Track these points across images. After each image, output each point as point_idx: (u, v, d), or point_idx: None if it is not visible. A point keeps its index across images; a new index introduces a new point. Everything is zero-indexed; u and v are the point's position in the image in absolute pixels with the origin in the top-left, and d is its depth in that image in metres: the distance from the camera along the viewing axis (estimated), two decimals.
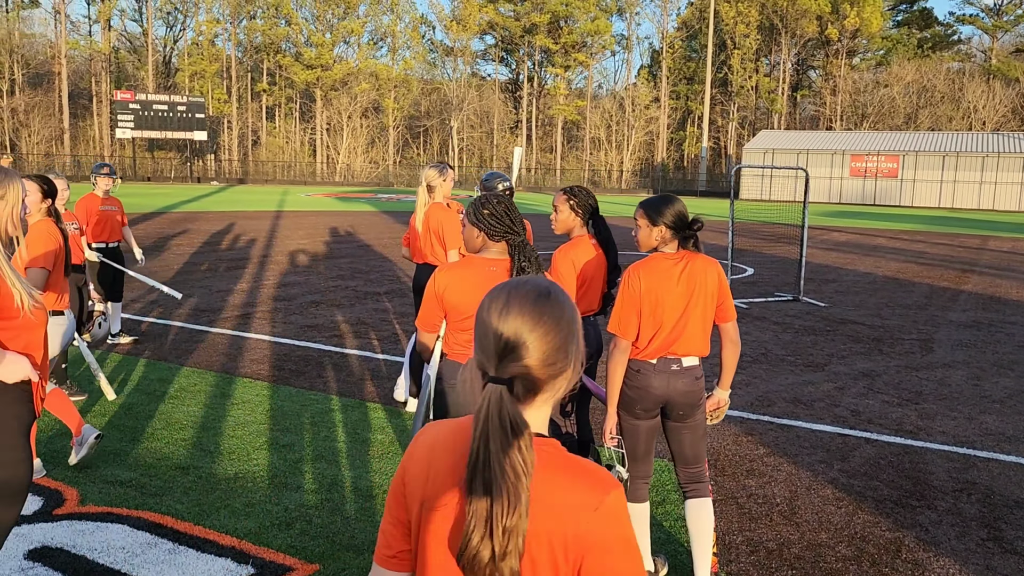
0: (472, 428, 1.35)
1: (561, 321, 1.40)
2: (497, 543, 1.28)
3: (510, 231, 3.17)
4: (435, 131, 72.88)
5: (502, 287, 1.45)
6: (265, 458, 5.01)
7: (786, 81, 67.00)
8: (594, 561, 1.32)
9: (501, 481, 1.29)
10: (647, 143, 69.57)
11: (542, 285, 1.43)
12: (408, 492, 1.45)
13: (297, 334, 8.61)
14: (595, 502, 1.33)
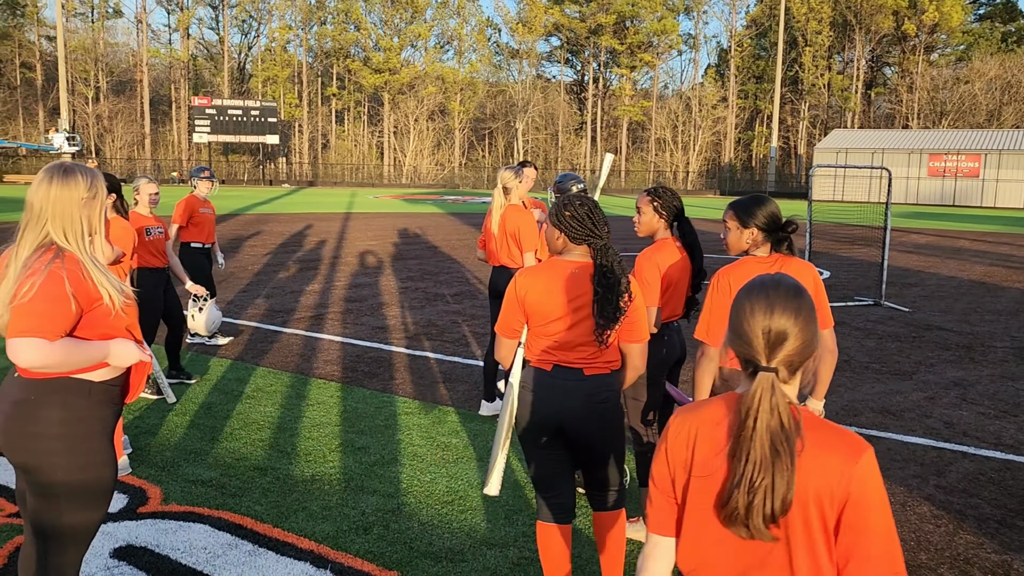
0: (738, 406, 1.65)
1: (812, 311, 1.67)
2: (760, 500, 1.55)
3: (592, 234, 3.05)
4: (500, 133, 73.12)
5: (756, 290, 1.70)
6: (341, 460, 5.01)
7: (860, 79, 65.12)
8: (852, 514, 1.56)
9: (768, 449, 1.56)
10: (714, 143, 68.49)
11: (790, 282, 1.71)
12: (673, 465, 1.73)
13: (369, 335, 8.65)
14: (853, 460, 1.57)
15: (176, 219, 7.77)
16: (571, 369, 3.04)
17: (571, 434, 3.06)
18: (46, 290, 2.42)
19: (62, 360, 2.44)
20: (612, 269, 3.00)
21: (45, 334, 2.40)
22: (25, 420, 2.50)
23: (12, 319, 2.40)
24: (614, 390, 3.09)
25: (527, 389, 3.10)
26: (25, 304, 2.40)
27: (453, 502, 4.45)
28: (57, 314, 2.43)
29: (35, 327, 2.39)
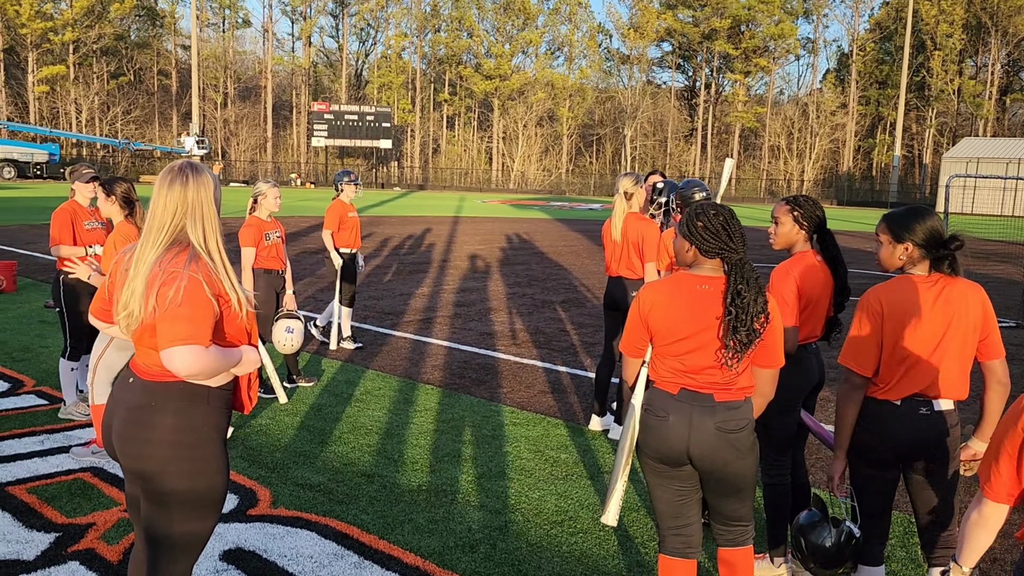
0: None
1: None
2: None
3: (726, 248, 2.79)
4: (608, 140, 72.58)
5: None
6: (447, 471, 4.89)
7: (994, 84, 61.22)
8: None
9: None
10: (831, 151, 65.84)
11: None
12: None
13: (476, 341, 8.56)
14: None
15: (329, 224, 7.90)
16: (700, 394, 2.79)
17: (699, 464, 2.82)
18: (192, 295, 2.38)
19: (216, 366, 2.42)
20: (748, 287, 2.73)
21: (200, 340, 2.37)
22: (143, 426, 2.46)
23: (164, 326, 2.35)
24: (748, 418, 2.82)
25: (651, 413, 2.87)
26: (176, 310, 2.35)
27: (563, 523, 4.26)
28: (207, 319, 2.40)
29: (191, 334, 2.35)
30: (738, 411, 2.79)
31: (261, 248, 6.34)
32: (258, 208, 6.46)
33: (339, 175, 8.09)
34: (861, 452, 3.00)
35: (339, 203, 7.94)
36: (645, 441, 2.89)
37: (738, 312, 2.71)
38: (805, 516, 3.07)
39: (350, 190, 8.01)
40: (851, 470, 3.06)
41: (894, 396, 2.92)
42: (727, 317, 2.72)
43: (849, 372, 2.98)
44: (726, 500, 2.90)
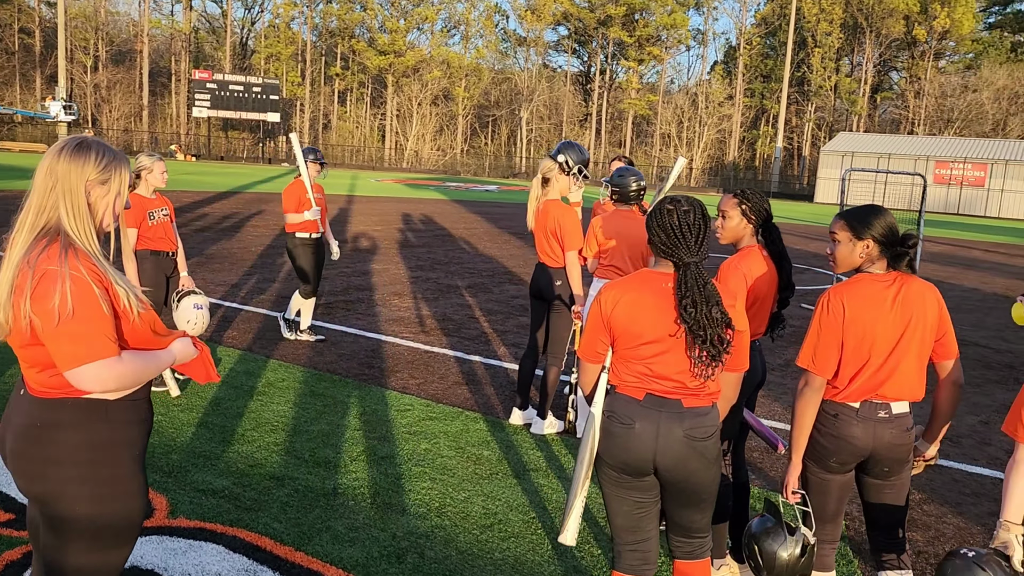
0: None
1: None
2: None
3: (675, 248, 2.60)
4: (504, 121, 72.52)
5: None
6: (365, 471, 4.58)
7: (867, 82, 64.69)
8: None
9: None
10: (719, 141, 68.03)
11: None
12: None
13: (383, 328, 8.21)
14: None
15: (287, 206, 7.31)
16: (668, 400, 2.61)
17: (665, 474, 2.64)
18: (82, 300, 2.00)
19: (139, 372, 2.11)
20: (696, 300, 2.53)
21: (108, 351, 2.03)
22: (37, 443, 2.08)
23: (60, 347, 2.00)
24: (716, 425, 2.67)
25: (614, 420, 2.67)
26: (68, 327, 1.99)
27: (492, 527, 4.03)
28: (105, 324, 2.04)
29: (94, 350, 2.01)
30: (707, 417, 2.63)
31: (146, 228, 5.77)
32: (141, 184, 5.85)
33: (305, 151, 7.46)
34: (818, 456, 2.90)
35: (299, 183, 7.33)
36: (607, 450, 2.69)
37: (692, 325, 2.54)
38: (758, 523, 2.95)
39: (313, 169, 7.42)
40: (806, 474, 2.97)
41: (853, 398, 2.84)
42: (688, 329, 2.54)
43: (808, 374, 2.87)
44: (688, 511, 2.75)
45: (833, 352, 2.82)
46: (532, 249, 15.89)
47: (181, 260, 6.05)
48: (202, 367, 2.37)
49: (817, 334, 2.86)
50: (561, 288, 5.25)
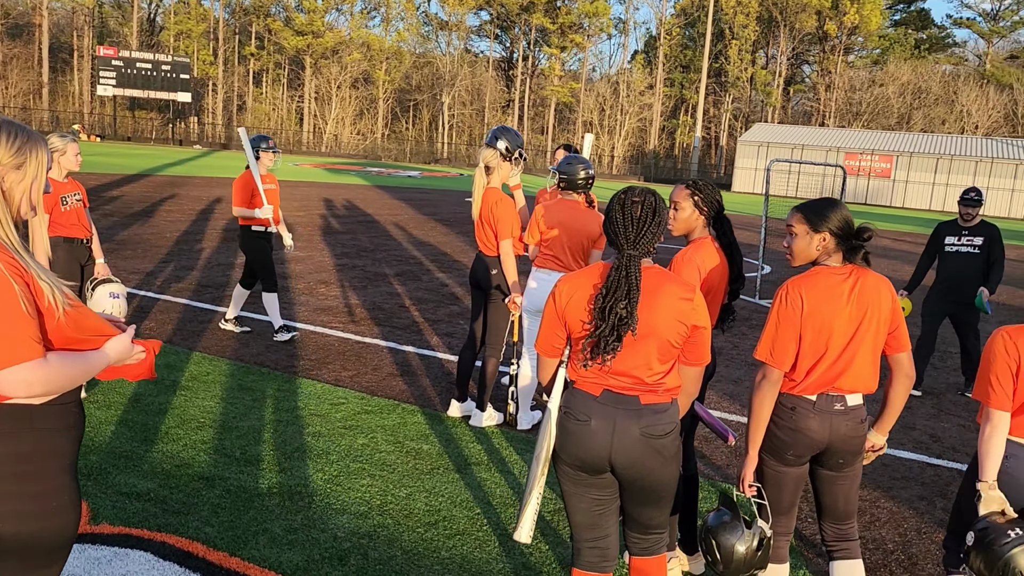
0: None
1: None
2: None
3: (617, 236, 2.54)
4: (426, 106, 71.76)
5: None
6: (299, 469, 4.40)
7: (782, 75, 66.60)
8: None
9: None
10: (640, 129, 68.97)
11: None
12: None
13: (311, 318, 7.95)
14: None
15: (239, 201, 6.90)
16: (625, 396, 2.54)
17: (622, 472, 2.58)
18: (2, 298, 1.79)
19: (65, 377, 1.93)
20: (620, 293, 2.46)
21: (31, 354, 1.84)
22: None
23: None
24: (675, 422, 2.61)
25: (570, 416, 2.59)
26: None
27: (437, 524, 3.92)
28: (28, 324, 1.85)
29: (16, 352, 1.82)
30: (665, 414, 2.58)
31: (57, 214, 5.39)
32: (53, 167, 5.45)
33: (255, 139, 7.04)
34: (775, 449, 2.89)
35: (250, 176, 6.93)
36: (563, 447, 2.61)
37: (595, 314, 2.48)
38: (714, 517, 2.93)
39: (267, 158, 7.01)
40: (762, 467, 2.96)
41: (810, 391, 2.83)
42: (595, 316, 2.48)
43: (765, 367, 2.85)
44: (646, 509, 2.69)
45: (791, 345, 2.81)
46: (458, 236, 15.74)
47: (96, 247, 5.68)
48: (140, 368, 2.18)
49: (775, 327, 2.84)
50: (498, 277, 5.14)
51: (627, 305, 2.45)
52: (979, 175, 46.33)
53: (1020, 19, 66.87)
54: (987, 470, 2.65)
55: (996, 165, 46.30)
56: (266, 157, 7.04)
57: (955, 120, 58.96)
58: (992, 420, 2.66)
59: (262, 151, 7.01)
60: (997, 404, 2.66)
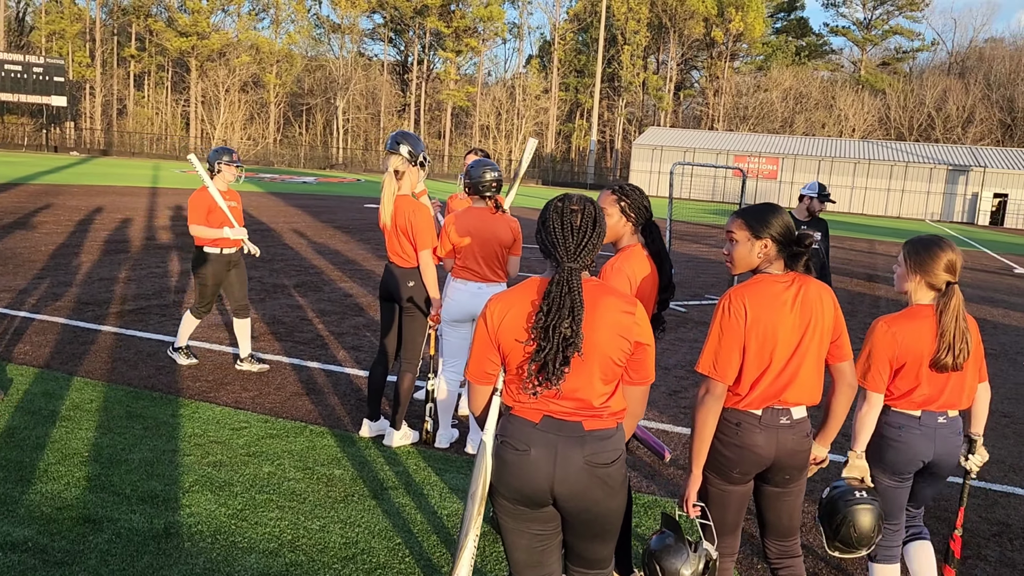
0: None
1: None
2: None
3: (554, 248, 2.33)
4: (319, 110, 70.23)
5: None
6: (200, 504, 4.01)
7: (672, 80, 68.49)
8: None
9: None
10: (536, 134, 69.53)
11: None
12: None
13: (205, 335, 7.45)
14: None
15: (194, 217, 6.16)
16: (567, 422, 2.34)
17: (564, 505, 2.37)
18: None
19: None
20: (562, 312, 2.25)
21: None
22: None
23: None
24: (621, 449, 2.42)
25: (508, 446, 2.37)
26: None
27: (355, 558, 3.63)
28: None
29: None
30: (610, 441, 2.38)
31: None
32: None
33: (214, 153, 6.31)
34: (719, 467, 2.76)
35: (205, 192, 6.20)
36: (501, 479, 2.38)
37: (537, 334, 2.27)
38: (657, 540, 2.77)
39: (229, 172, 6.28)
40: (706, 486, 2.82)
41: (755, 406, 2.71)
42: (537, 337, 2.28)
43: (709, 381, 2.71)
44: (591, 543, 2.50)
45: (735, 357, 2.68)
46: (360, 243, 15.30)
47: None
48: None
49: (718, 338, 2.70)
50: (414, 289, 4.88)
51: (571, 323, 2.25)
52: (857, 175, 48.84)
53: (890, 28, 71.05)
54: (859, 441, 3.04)
55: (873, 166, 48.92)
56: (228, 171, 6.26)
57: (834, 124, 62.01)
58: (870, 400, 3.03)
59: (224, 164, 6.25)
60: (874, 387, 3.02)
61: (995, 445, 5.86)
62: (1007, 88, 62.46)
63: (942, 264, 2.99)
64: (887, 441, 3.05)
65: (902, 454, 3.03)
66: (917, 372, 2.98)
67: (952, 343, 2.94)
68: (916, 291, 3.05)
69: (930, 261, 3.00)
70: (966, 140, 59.96)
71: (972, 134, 60.37)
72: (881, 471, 3.08)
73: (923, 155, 50.15)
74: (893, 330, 2.96)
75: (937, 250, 3.01)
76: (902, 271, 3.10)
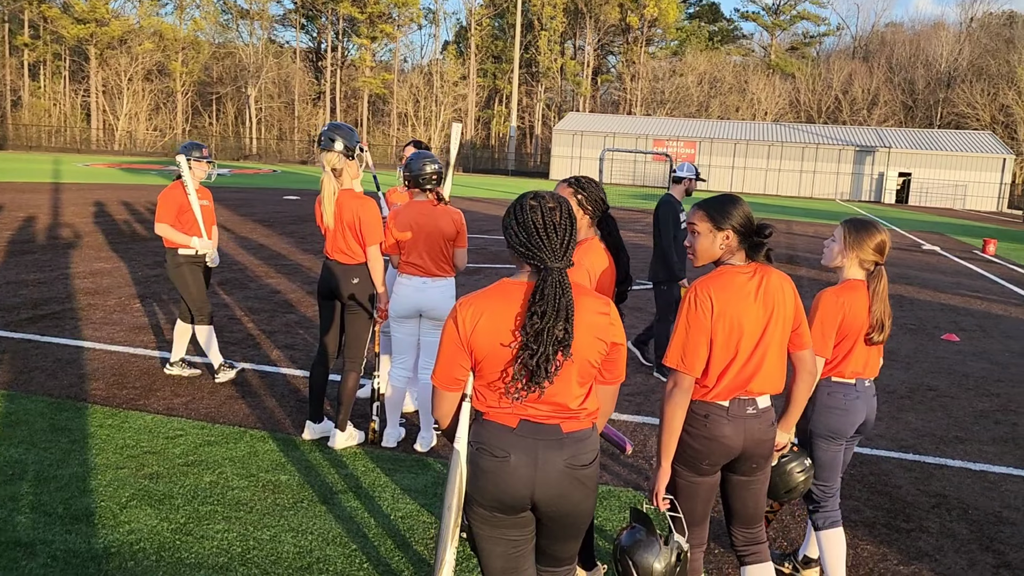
0: None
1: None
2: None
3: (536, 250, 2.24)
4: (230, 99, 68.13)
5: None
6: (140, 519, 3.81)
7: (590, 65, 69.03)
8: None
9: None
10: (455, 120, 69.19)
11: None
12: None
13: (129, 339, 7.12)
14: None
15: (163, 215, 5.70)
16: (545, 426, 2.29)
17: (545, 509, 2.32)
18: None
19: None
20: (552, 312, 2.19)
21: None
22: None
23: None
24: (597, 449, 2.38)
25: (484, 453, 2.30)
26: None
27: (310, 568, 3.50)
28: None
29: None
30: (588, 442, 2.34)
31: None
32: None
33: (185, 147, 5.82)
34: (689, 460, 2.75)
35: (179, 189, 5.79)
36: (478, 487, 2.31)
37: (529, 338, 2.20)
38: (628, 536, 2.75)
39: (200, 169, 5.84)
40: (674, 478, 2.81)
41: (723, 397, 2.71)
42: (522, 341, 2.22)
43: (677, 374, 2.70)
44: (564, 543, 2.46)
45: (703, 349, 2.67)
46: (283, 237, 14.90)
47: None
48: None
49: (685, 331, 2.68)
50: (358, 287, 4.75)
51: (565, 325, 2.19)
52: (771, 158, 50.30)
53: (798, 13, 73.25)
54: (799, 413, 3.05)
55: (785, 148, 50.44)
56: (198, 168, 5.85)
57: (747, 107, 63.66)
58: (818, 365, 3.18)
59: (193, 160, 5.81)
60: (822, 351, 3.18)
61: (923, 418, 6.10)
62: (908, 71, 65.29)
63: (875, 243, 3.25)
64: (832, 410, 3.26)
65: (848, 419, 3.27)
66: (855, 342, 3.22)
67: (882, 320, 3.21)
68: (849, 267, 3.29)
69: (867, 239, 3.25)
70: (871, 122, 62.42)
71: (877, 116, 62.89)
72: (824, 438, 3.29)
73: (832, 137, 51.98)
74: (840, 300, 3.18)
75: (873, 231, 3.27)
76: (839, 247, 3.33)
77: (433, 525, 3.94)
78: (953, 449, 5.44)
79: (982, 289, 13.45)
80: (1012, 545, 4.07)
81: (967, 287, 13.57)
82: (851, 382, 3.27)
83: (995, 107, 58.60)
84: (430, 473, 4.56)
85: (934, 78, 64.65)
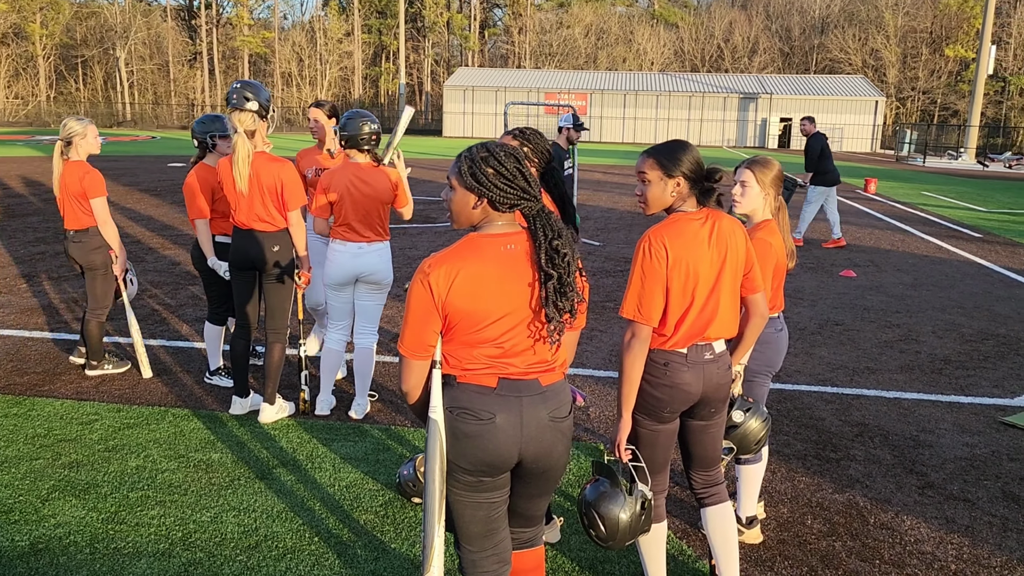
0: None
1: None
2: None
3: (525, 196, 2.25)
4: (97, 62, 63.99)
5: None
6: (67, 512, 3.58)
7: (476, 19, 68.15)
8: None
9: None
10: (342, 79, 67.24)
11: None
12: None
13: (21, 321, 6.64)
14: None
15: (194, 209, 4.96)
16: (525, 382, 2.25)
17: (531, 465, 2.30)
18: None
19: None
20: (563, 241, 2.24)
21: None
22: None
23: None
24: (571, 400, 2.37)
25: (468, 417, 2.23)
26: None
27: (258, 547, 3.37)
28: None
29: None
30: (564, 393, 2.33)
31: None
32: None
33: (205, 122, 5.05)
34: (650, 409, 2.76)
35: (206, 170, 5.01)
36: (463, 453, 2.24)
37: (561, 274, 2.21)
38: (591, 489, 2.75)
39: (225, 146, 4.99)
40: (635, 428, 2.82)
41: (681, 344, 2.72)
42: (548, 282, 2.20)
43: (635, 325, 2.69)
44: (539, 499, 2.45)
45: (659, 299, 2.66)
46: (172, 206, 14.19)
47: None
48: None
49: (641, 281, 2.67)
50: (279, 254, 4.54)
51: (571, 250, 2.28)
52: (660, 107, 51.20)
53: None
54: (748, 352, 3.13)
55: (673, 98, 51.40)
56: (223, 144, 5.03)
57: (634, 58, 64.40)
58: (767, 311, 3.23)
59: (219, 138, 5.02)
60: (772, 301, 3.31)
61: (835, 352, 6.38)
62: (784, 18, 67.38)
63: (779, 177, 3.36)
64: (767, 344, 3.43)
65: (780, 350, 3.48)
66: (781, 279, 3.35)
67: (791, 248, 3.41)
68: (764, 208, 3.33)
69: (775, 176, 3.34)
70: (752, 69, 64.30)
71: (757, 63, 64.81)
72: (764, 374, 3.48)
73: (717, 85, 53.29)
74: (771, 242, 3.26)
75: (775, 165, 3.36)
76: (755, 191, 3.32)
77: (380, 492, 3.86)
78: (866, 379, 5.72)
79: (868, 226, 14.17)
80: (932, 466, 4.33)
81: (856, 224, 14.26)
82: (776, 316, 3.45)
83: (866, 51, 61.34)
84: (369, 440, 4.46)
85: (809, 24, 67.02)
